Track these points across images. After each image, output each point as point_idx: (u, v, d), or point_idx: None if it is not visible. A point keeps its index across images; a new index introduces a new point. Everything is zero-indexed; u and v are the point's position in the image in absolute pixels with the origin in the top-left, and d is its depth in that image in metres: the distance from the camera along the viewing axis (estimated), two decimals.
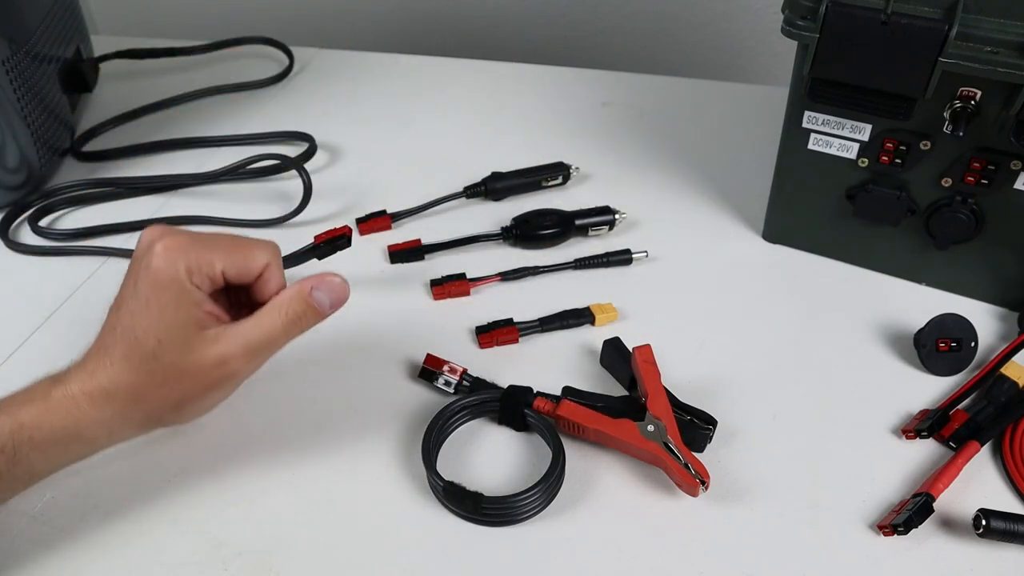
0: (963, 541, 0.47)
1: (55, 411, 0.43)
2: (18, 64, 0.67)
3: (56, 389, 0.43)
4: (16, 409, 0.43)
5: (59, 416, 0.43)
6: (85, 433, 0.44)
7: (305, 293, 0.46)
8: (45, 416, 0.42)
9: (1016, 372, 0.54)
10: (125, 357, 0.43)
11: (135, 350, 0.43)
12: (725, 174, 0.76)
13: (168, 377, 0.44)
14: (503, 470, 0.51)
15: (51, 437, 0.43)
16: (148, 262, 0.44)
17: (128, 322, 0.44)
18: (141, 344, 0.43)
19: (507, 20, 1.16)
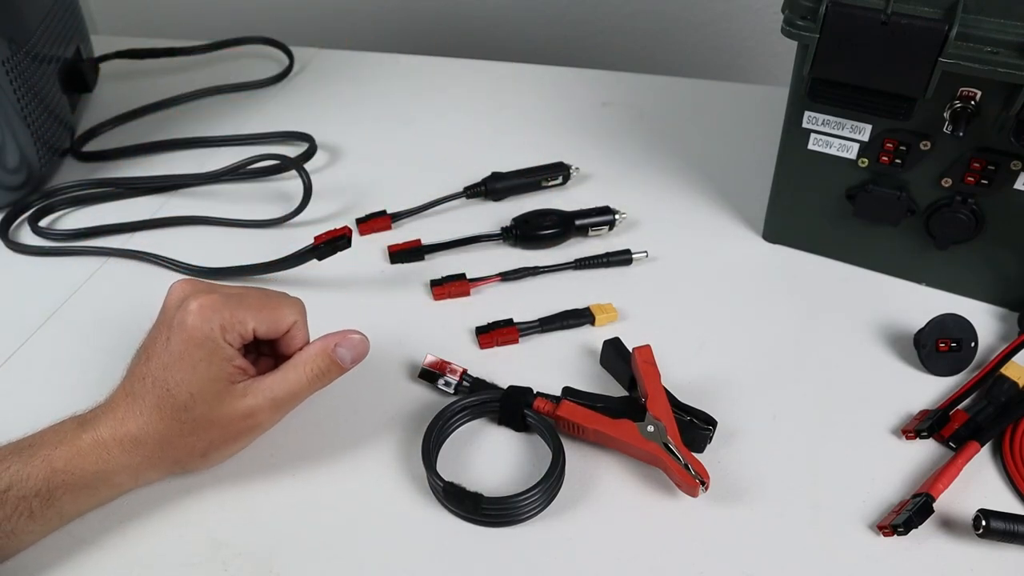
0: (963, 541, 0.47)
1: (86, 456, 0.44)
2: (18, 64, 0.67)
3: (86, 433, 0.45)
4: (49, 452, 0.44)
5: (90, 461, 0.44)
6: (114, 478, 0.46)
7: (329, 349, 0.48)
8: (76, 460, 0.44)
9: (1016, 372, 0.54)
10: (156, 407, 0.45)
11: (167, 401, 0.45)
12: (725, 174, 0.76)
13: (198, 428, 0.46)
14: (503, 470, 0.51)
15: (82, 481, 0.44)
16: (182, 319, 0.46)
17: (160, 374, 0.45)
18: (173, 396, 0.45)
19: (507, 20, 1.16)
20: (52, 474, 0.43)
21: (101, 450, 0.45)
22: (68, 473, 0.44)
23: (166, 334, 0.46)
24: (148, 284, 0.64)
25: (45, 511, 0.43)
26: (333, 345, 0.48)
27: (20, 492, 0.43)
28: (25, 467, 0.43)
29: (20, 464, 0.43)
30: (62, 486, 0.44)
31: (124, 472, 0.46)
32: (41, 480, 0.43)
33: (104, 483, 0.45)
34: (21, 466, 0.43)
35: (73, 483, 0.44)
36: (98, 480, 0.45)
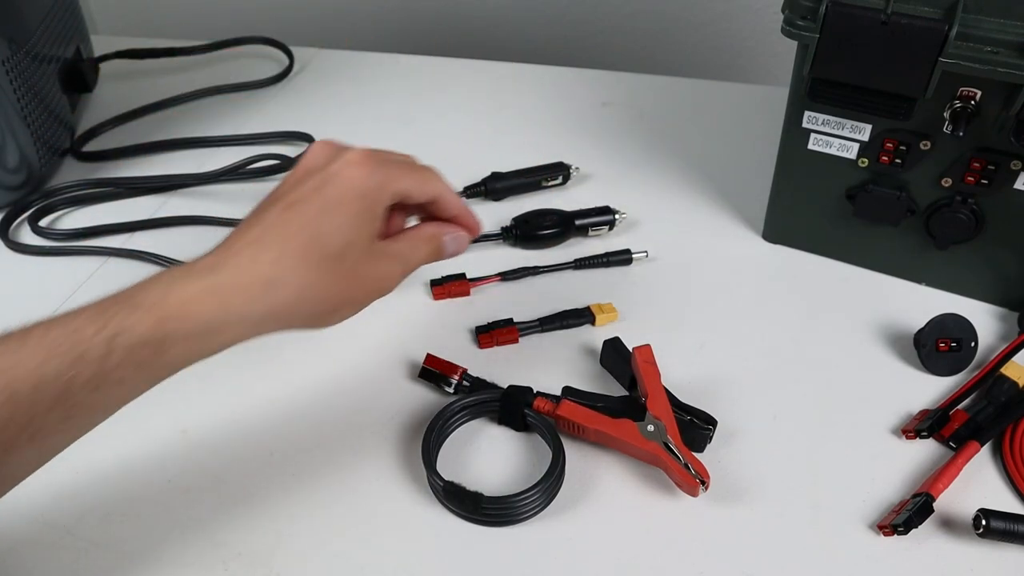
0: (963, 541, 0.47)
1: (202, 303, 0.41)
2: (18, 64, 0.67)
3: (199, 281, 0.42)
4: (156, 301, 0.40)
5: (206, 308, 0.41)
6: (230, 328, 0.42)
7: (442, 233, 0.50)
8: (190, 307, 0.41)
9: (1016, 372, 0.54)
10: (302, 253, 0.43)
11: (315, 248, 0.43)
12: (725, 174, 0.76)
13: (343, 279, 0.44)
14: (503, 470, 0.51)
15: (195, 329, 0.41)
16: (341, 170, 0.45)
17: (308, 220, 0.43)
18: (323, 244, 0.43)
19: (507, 20, 1.16)
20: (162, 322, 0.40)
21: (219, 296, 0.41)
22: (180, 320, 0.40)
23: (316, 183, 0.44)
24: None
25: (154, 360, 0.40)
26: (444, 232, 0.50)
27: (128, 340, 0.39)
28: (130, 315, 0.40)
29: (125, 312, 0.40)
30: (173, 335, 0.40)
31: (243, 323, 0.42)
32: (150, 328, 0.40)
33: (218, 333, 0.42)
34: (126, 314, 0.39)
35: (185, 332, 0.40)
36: (212, 328, 0.41)
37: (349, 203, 0.44)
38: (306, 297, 0.43)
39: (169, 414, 0.54)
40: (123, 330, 0.39)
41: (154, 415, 0.54)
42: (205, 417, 0.54)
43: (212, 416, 0.54)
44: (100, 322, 0.39)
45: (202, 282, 0.41)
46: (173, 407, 0.54)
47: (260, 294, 0.42)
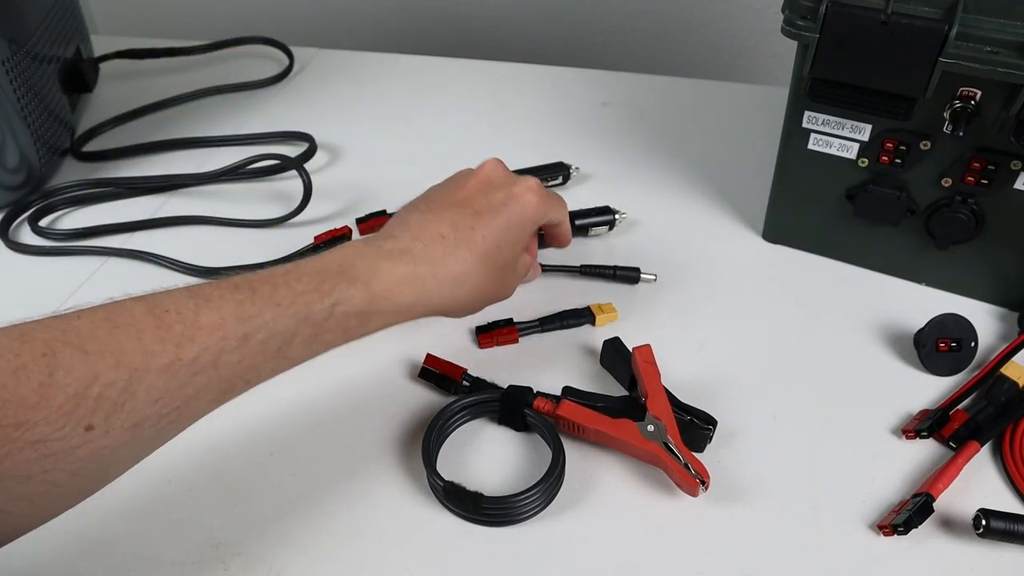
0: (963, 541, 0.47)
1: (404, 287, 0.47)
2: (18, 64, 0.67)
3: (401, 267, 0.48)
4: (368, 279, 0.46)
5: (407, 293, 0.48)
6: (418, 309, 0.49)
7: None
8: (396, 289, 0.47)
9: (1016, 372, 0.54)
10: (483, 259, 0.50)
11: (493, 257, 0.51)
12: (725, 174, 0.76)
13: (501, 282, 0.53)
14: (503, 470, 0.51)
15: (395, 309, 0.47)
16: (525, 195, 0.53)
17: (494, 232, 0.51)
18: (499, 255, 0.51)
19: (507, 20, 1.16)
20: (374, 298, 0.46)
21: (419, 285, 0.48)
22: (387, 299, 0.46)
23: (502, 199, 0.52)
24: (148, 284, 0.63)
25: (357, 329, 0.46)
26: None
27: (345, 309, 0.45)
28: (349, 288, 0.45)
29: (345, 284, 0.45)
30: (379, 311, 0.46)
31: (426, 308, 0.49)
32: (364, 302, 0.45)
33: (407, 313, 0.48)
34: (346, 287, 0.45)
35: (387, 309, 0.47)
36: (406, 309, 0.48)
37: (525, 225, 0.53)
38: (475, 297, 0.52)
39: None
40: (343, 300, 0.45)
41: None
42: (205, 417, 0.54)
43: (212, 416, 0.54)
44: (323, 289, 0.44)
45: (404, 268, 0.48)
46: None
47: (449, 289, 0.49)
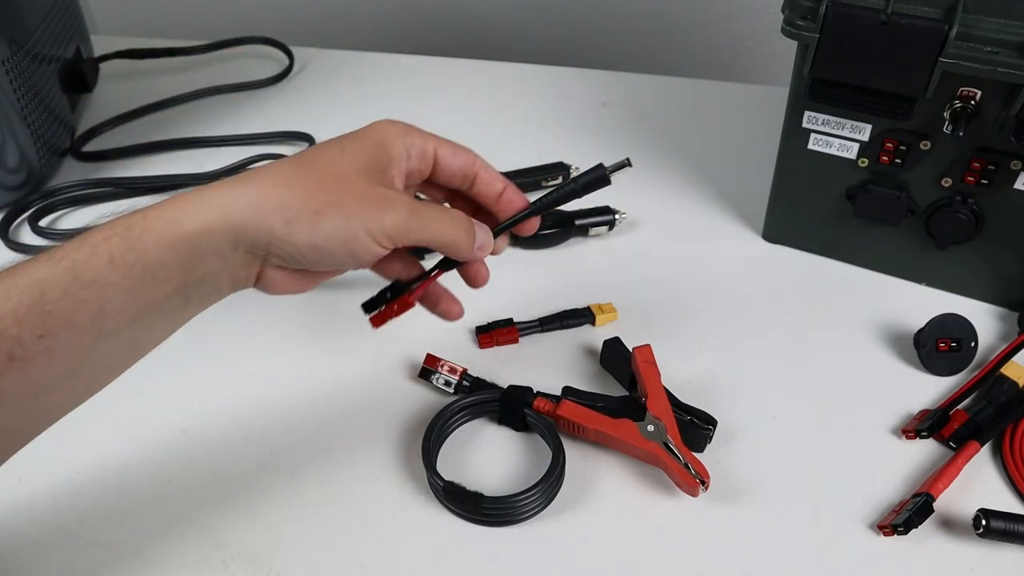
0: (963, 541, 0.47)
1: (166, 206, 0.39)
2: (18, 64, 0.67)
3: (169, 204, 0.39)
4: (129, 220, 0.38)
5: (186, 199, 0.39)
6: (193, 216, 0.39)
7: (474, 224, 0.46)
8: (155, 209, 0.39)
9: (1016, 372, 0.54)
10: (296, 166, 0.42)
11: (313, 165, 0.42)
12: (725, 174, 0.76)
13: (329, 178, 0.41)
14: (503, 470, 0.51)
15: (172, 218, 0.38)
16: (370, 125, 0.45)
17: (315, 151, 0.43)
18: (325, 164, 0.42)
19: (507, 20, 1.16)
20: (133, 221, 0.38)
21: (200, 193, 0.39)
22: (156, 214, 0.38)
23: (341, 143, 0.44)
24: None
25: (125, 256, 0.37)
26: (478, 224, 0.46)
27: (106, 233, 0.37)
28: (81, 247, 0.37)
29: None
30: (142, 228, 0.38)
31: (209, 216, 0.39)
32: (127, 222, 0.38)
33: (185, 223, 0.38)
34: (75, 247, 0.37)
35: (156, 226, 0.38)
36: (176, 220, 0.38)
37: (366, 142, 0.44)
38: (282, 184, 0.40)
39: (169, 414, 0.54)
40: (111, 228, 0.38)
41: (154, 415, 0.54)
42: (205, 417, 0.54)
43: (212, 416, 0.54)
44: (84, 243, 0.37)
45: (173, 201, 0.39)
46: (173, 407, 0.54)
47: (241, 190, 0.40)
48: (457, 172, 0.47)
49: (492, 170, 0.48)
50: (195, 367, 0.57)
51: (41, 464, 0.51)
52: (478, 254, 0.47)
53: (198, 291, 0.40)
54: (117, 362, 0.40)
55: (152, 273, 0.38)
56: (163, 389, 0.56)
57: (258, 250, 0.40)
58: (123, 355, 0.40)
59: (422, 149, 0.46)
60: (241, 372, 0.57)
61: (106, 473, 0.50)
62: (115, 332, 0.38)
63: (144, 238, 0.38)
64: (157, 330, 0.41)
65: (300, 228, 0.40)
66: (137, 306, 0.38)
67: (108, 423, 0.53)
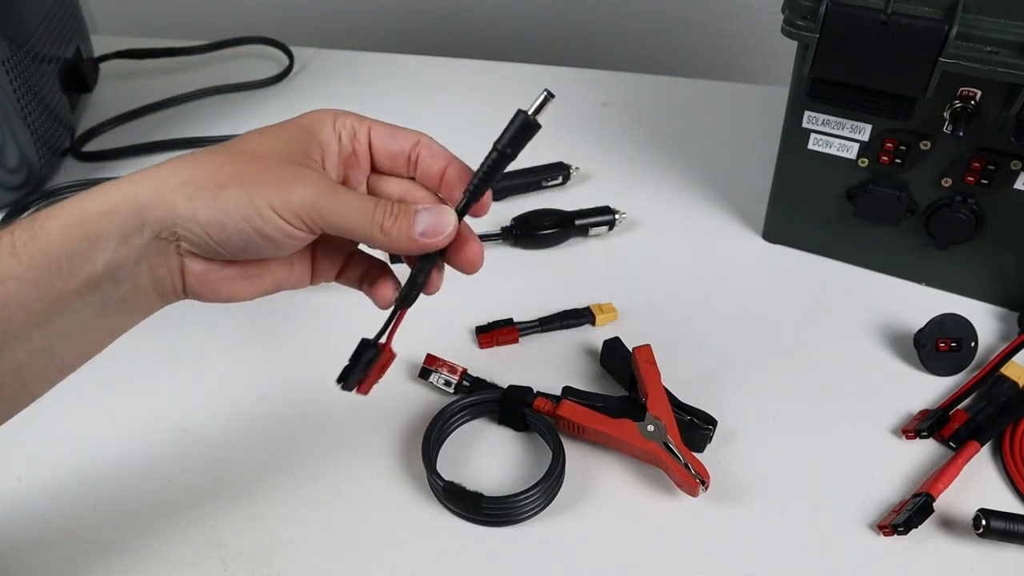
0: (963, 541, 0.47)
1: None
2: (18, 64, 0.67)
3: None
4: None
5: (100, 191, 0.37)
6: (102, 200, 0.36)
7: (411, 207, 0.39)
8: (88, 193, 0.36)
9: (1016, 372, 0.54)
10: (216, 150, 0.39)
11: (230, 147, 0.39)
12: (725, 174, 0.76)
13: (234, 154, 0.39)
14: (503, 470, 0.51)
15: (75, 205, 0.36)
16: (301, 115, 0.42)
17: (233, 141, 0.40)
18: (236, 146, 0.39)
19: (507, 20, 1.16)
20: (40, 213, 0.36)
21: (94, 189, 0.36)
22: (58, 206, 0.36)
23: (267, 127, 0.41)
24: None
25: (27, 245, 0.35)
26: (417, 206, 0.39)
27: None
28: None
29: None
30: (47, 216, 0.36)
31: (119, 199, 0.36)
32: (29, 219, 0.36)
33: (81, 206, 0.36)
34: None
35: (57, 214, 0.35)
36: (79, 204, 0.36)
37: (290, 127, 0.40)
38: (182, 163, 0.37)
39: (169, 414, 0.54)
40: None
41: (154, 415, 0.54)
42: (205, 417, 0.54)
43: (212, 416, 0.54)
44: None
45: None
46: (173, 407, 0.54)
47: (144, 170, 0.37)
48: (397, 153, 0.42)
49: (437, 148, 0.43)
50: (195, 367, 0.57)
51: (41, 464, 0.51)
52: (422, 240, 0.39)
53: (114, 290, 0.37)
54: (35, 374, 0.37)
55: (57, 263, 0.35)
56: (163, 389, 0.56)
57: (166, 234, 0.36)
58: (41, 366, 0.37)
59: (353, 130, 0.41)
60: (241, 372, 0.57)
61: (106, 473, 0.50)
62: (24, 334, 0.35)
63: (47, 224, 0.35)
64: (77, 338, 0.37)
65: (202, 204, 0.36)
66: (45, 303, 0.35)
67: (108, 423, 0.53)
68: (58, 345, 0.36)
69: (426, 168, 0.42)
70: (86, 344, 0.38)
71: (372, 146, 0.42)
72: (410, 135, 0.43)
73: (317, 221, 0.37)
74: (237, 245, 0.37)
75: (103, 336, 0.38)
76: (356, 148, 0.42)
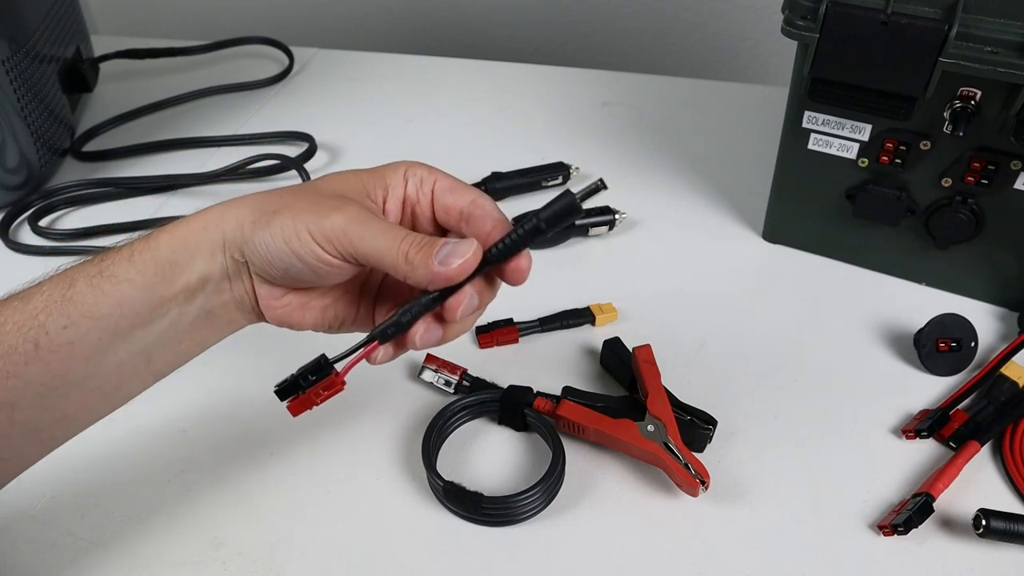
0: (963, 541, 0.47)
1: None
2: (18, 64, 0.67)
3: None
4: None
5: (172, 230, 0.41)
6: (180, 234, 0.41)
7: (439, 241, 0.40)
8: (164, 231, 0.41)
9: (1016, 372, 0.54)
10: (283, 191, 0.42)
11: (296, 190, 0.42)
12: (725, 174, 0.76)
13: (289, 190, 0.42)
14: (503, 470, 0.51)
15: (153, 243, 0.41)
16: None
17: (310, 182, 0.43)
18: (311, 184, 0.42)
19: (507, 20, 1.16)
20: (158, 227, 0.41)
21: (198, 211, 0.41)
22: (170, 222, 0.41)
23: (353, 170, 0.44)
24: None
25: (143, 253, 0.40)
26: (443, 242, 0.39)
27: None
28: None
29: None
30: (160, 230, 0.41)
31: (209, 212, 0.41)
32: (148, 232, 0.41)
33: (186, 221, 0.41)
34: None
35: (167, 228, 0.41)
36: (184, 220, 0.41)
37: (368, 170, 0.43)
38: (261, 197, 0.41)
39: (169, 414, 0.54)
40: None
41: (154, 415, 0.54)
42: (205, 417, 0.54)
43: (212, 416, 0.54)
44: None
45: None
46: (173, 407, 0.54)
47: (222, 208, 0.41)
48: (452, 207, 0.43)
49: (489, 207, 0.42)
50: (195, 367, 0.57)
51: (41, 464, 0.50)
52: (438, 268, 0.39)
53: (205, 301, 0.41)
54: (132, 374, 0.41)
55: (162, 270, 0.39)
56: (163, 389, 0.55)
57: (238, 255, 0.40)
58: (138, 367, 0.41)
59: (421, 179, 0.43)
60: (241, 372, 0.57)
61: (106, 473, 0.50)
62: (129, 334, 0.39)
63: (160, 237, 0.40)
64: (171, 345, 0.41)
65: (259, 227, 0.40)
66: (149, 307, 0.39)
67: (108, 423, 0.53)
68: (154, 350, 0.41)
69: (476, 227, 0.42)
70: (177, 351, 0.42)
71: (434, 196, 0.43)
72: (468, 192, 0.43)
73: (347, 246, 0.39)
74: (280, 267, 0.40)
75: (192, 346, 0.43)
76: (420, 198, 0.44)
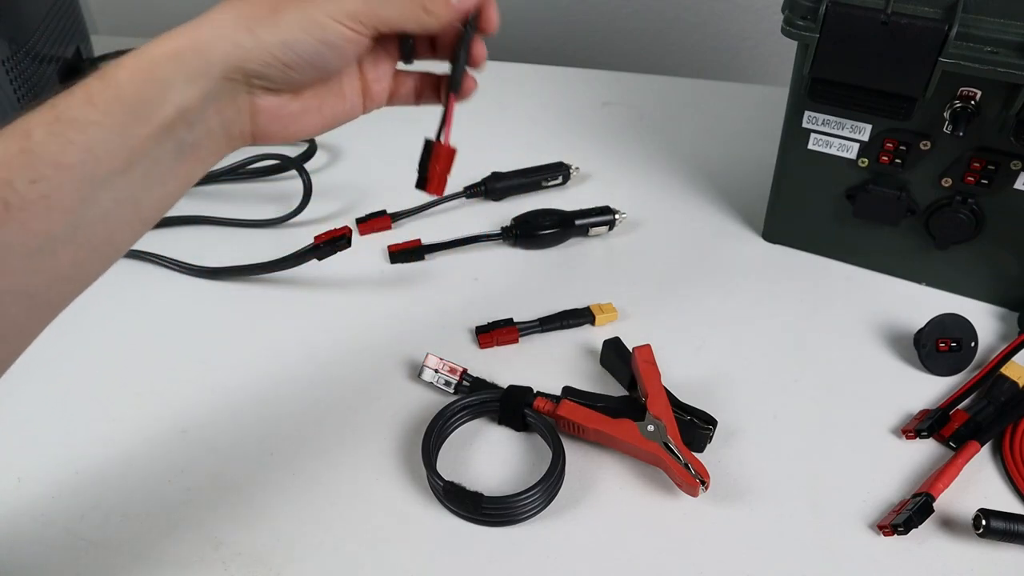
0: (963, 541, 0.47)
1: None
2: (18, 64, 0.67)
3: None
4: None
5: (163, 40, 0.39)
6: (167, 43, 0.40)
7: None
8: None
9: (1016, 372, 0.54)
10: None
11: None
12: (725, 174, 0.76)
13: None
14: (503, 470, 0.51)
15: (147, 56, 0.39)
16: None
17: None
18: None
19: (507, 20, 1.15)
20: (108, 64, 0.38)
21: (156, 39, 0.39)
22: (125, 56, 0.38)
23: None
24: (148, 284, 0.64)
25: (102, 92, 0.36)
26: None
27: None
28: None
29: None
30: (116, 65, 0.38)
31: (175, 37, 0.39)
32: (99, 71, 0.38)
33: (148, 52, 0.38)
34: None
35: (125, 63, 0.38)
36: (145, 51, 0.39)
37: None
38: (237, 6, 0.40)
39: (169, 414, 0.54)
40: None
41: (154, 415, 0.54)
42: (205, 417, 0.54)
43: (212, 416, 0.54)
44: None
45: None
46: (173, 407, 0.54)
47: (197, 18, 0.40)
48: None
49: None
50: (195, 367, 0.57)
51: (41, 464, 0.51)
52: (458, 3, 0.46)
53: (187, 134, 0.38)
54: (121, 221, 0.39)
55: (132, 109, 0.37)
56: (163, 389, 0.56)
57: (235, 73, 0.39)
58: (126, 215, 0.38)
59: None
60: (241, 372, 0.57)
61: (106, 473, 0.50)
62: (109, 181, 0.37)
63: (117, 74, 0.37)
64: (157, 186, 0.39)
65: (264, 31, 0.38)
66: (126, 149, 0.37)
67: (108, 423, 0.53)
68: (141, 194, 0.38)
69: None
70: (164, 192, 0.39)
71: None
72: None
73: (372, 18, 0.40)
74: (307, 60, 0.39)
75: (180, 184, 0.40)
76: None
